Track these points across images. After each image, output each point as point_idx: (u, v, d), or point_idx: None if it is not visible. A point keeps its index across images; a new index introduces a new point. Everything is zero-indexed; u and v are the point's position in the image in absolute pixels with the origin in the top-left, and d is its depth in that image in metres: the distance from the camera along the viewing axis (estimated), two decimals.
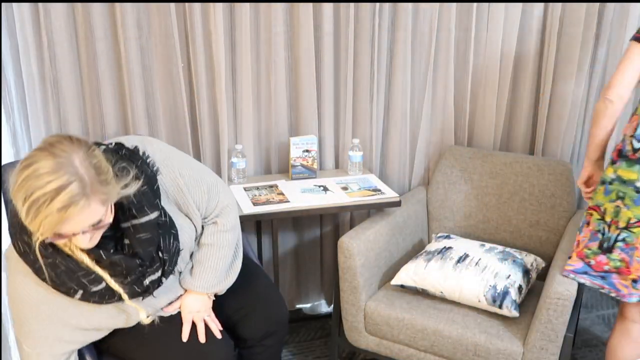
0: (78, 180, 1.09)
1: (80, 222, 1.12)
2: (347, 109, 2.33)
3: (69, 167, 1.09)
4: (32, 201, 1.06)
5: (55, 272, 1.24)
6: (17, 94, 1.95)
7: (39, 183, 1.07)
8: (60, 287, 1.27)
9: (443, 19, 2.30)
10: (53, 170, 1.08)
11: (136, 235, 1.28)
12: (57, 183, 1.07)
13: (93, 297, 1.30)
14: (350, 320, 2.03)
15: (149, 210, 1.29)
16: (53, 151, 1.10)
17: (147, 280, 1.34)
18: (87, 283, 1.27)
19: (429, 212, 2.42)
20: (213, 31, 2.07)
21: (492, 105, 2.44)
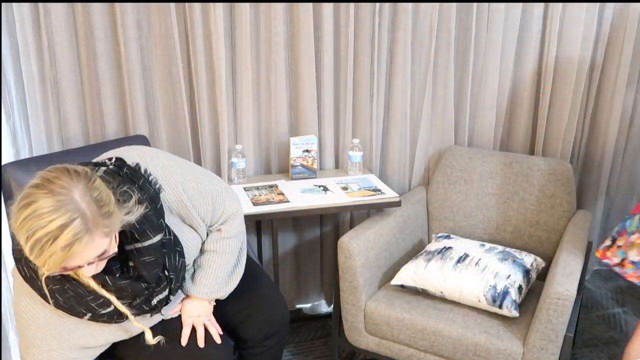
0: (80, 216, 1.06)
1: (85, 256, 1.10)
2: (347, 109, 2.33)
3: (69, 205, 1.06)
4: (35, 240, 1.04)
5: (63, 297, 1.24)
6: (17, 94, 1.95)
7: (41, 222, 1.04)
8: (69, 311, 1.27)
9: (443, 19, 2.30)
10: (54, 209, 1.05)
11: (140, 258, 1.28)
12: (59, 222, 1.04)
13: (102, 318, 1.30)
14: (350, 320, 2.03)
15: (152, 234, 1.27)
16: (52, 188, 1.07)
17: (155, 300, 1.35)
18: (96, 307, 1.27)
19: (429, 212, 2.42)
20: (213, 31, 2.07)
21: (492, 105, 2.44)
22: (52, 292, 1.23)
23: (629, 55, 2.45)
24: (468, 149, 2.41)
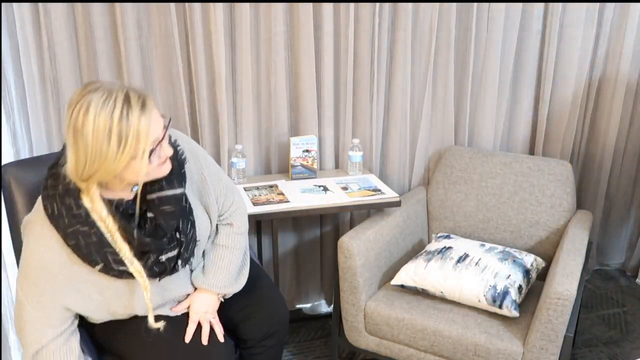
0: (122, 88, 1.16)
1: (159, 120, 1.21)
2: (347, 109, 2.33)
3: (117, 85, 1.17)
4: (117, 119, 1.12)
5: (85, 241, 1.25)
6: (17, 94, 1.95)
7: (108, 103, 1.13)
8: (84, 257, 1.27)
9: (443, 19, 2.30)
10: (108, 94, 1.14)
11: (160, 207, 1.31)
12: (121, 95, 1.14)
13: (113, 272, 1.30)
14: (350, 320, 2.03)
15: (177, 186, 1.33)
16: (92, 88, 1.15)
17: (164, 257, 1.35)
18: (112, 261, 1.28)
19: (429, 212, 2.42)
20: (213, 31, 2.07)
21: (492, 105, 2.44)
22: (76, 233, 1.24)
23: (629, 56, 2.45)
24: (468, 149, 2.41)
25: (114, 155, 1.14)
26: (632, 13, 2.39)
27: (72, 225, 1.23)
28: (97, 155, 1.14)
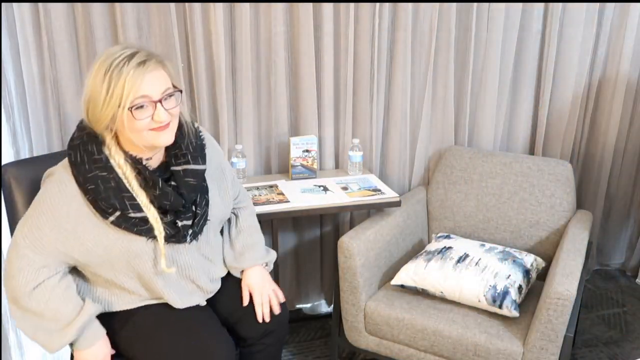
0: (144, 50, 1.29)
1: (156, 82, 1.28)
2: (347, 109, 2.33)
3: (142, 47, 1.30)
4: (114, 67, 1.23)
5: (104, 185, 1.30)
6: (17, 94, 1.95)
7: (115, 55, 1.25)
8: (101, 203, 1.30)
9: (443, 19, 2.30)
10: (123, 47, 1.28)
11: (185, 179, 1.40)
12: (130, 51, 1.27)
13: (126, 223, 1.33)
14: (350, 320, 2.03)
15: (201, 162, 1.44)
16: (118, 44, 1.33)
17: (180, 223, 1.40)
18: (129, 207, 1.32)
19: (429, 212, 2.42)
20: (213, 31, 2.07)
21: (492, 105, 2.44)
22: (96, 178, 1.30)
23: (629, 56, 2.45)
24: (468, 149, 2.41)
25: (103, 99, 1.25)
26: (632, 13, 2.39)
27: (92, 170, 1.30)
28: (92, 98, 1.27)
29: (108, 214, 1.32)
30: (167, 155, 1.42)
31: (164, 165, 1.42)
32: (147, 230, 1.36)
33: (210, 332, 1.49)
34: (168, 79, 1.32)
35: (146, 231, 1.36)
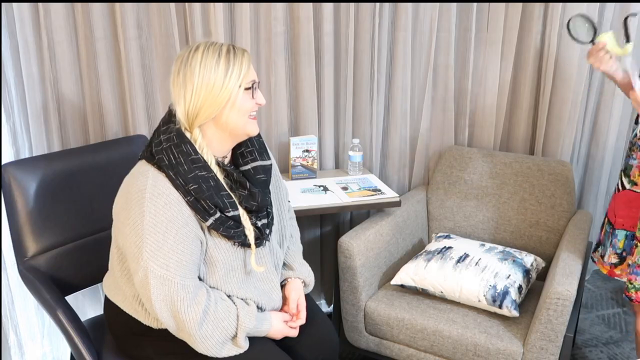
0: None
1: (253, 69, 1.35)
2: (347, 109, 2.33)
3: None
4: (225, 52, 1.30)
5: (206, 185, 1.30)
6: (17, 94, 1.95)
7: (214, 44, 1.32)
8: (204, 202, 1.29)
9: (443, 19, 2.30)
10: (213, 42, 1.34)
11: (256, 176, 1.42)
12: (227, 44, 1.34)
13: (222, 226, 1.32)
14: (350, 320, 2.03)
15: (267, 157, 1.47)
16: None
17: (259, 223, 1.41)
18: (229, 205, 1.33)
19: (429, 212, 2.42)
20: (213, 31, 2.07)
21: (492, 105, 2.44)
22: (197, 178, 1.29)
23: None
24: (468, 149, 2.41)
25: (222, 81, 1.28)
26: None
27: (192, 170, 1.29)
28: (204, 83, 1.28)
29: (209, 215, 1.31)
30: (234, 156, 1.45)
31: (236, 169, 1.44)
32: (240, 233, 1.36)
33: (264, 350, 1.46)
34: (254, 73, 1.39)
35: (239, 234, 1.36)
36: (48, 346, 2.14)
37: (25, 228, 1.59)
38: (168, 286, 1.28)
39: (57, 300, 1.52)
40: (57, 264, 1.64)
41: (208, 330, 1.32)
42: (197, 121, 1.31)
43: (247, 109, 1.34)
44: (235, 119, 1.33)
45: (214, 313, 1.33)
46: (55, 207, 1.63)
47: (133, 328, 1.45)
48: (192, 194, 1.28)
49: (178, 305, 1.28)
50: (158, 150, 1.31)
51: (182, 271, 1.29)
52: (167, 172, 1.29)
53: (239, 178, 1.38)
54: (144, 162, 1.33)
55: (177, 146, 1.30)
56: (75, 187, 1.42)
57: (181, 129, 1.32)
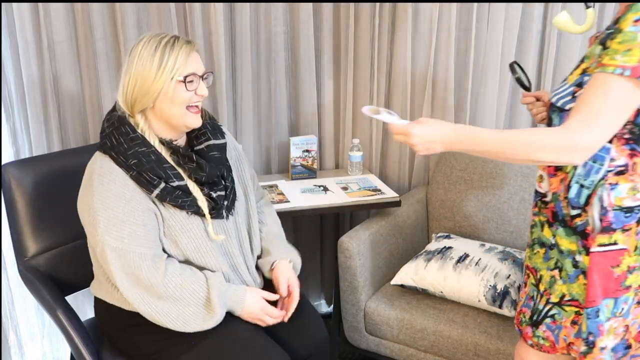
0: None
1: (199, 63, 1.40)
2: (347, 109, 2.33)
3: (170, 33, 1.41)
4: (164, 44, 1.34)
5: (146, 159, 1.35)
6: (17, 94, 1.95)
7: (160, 35, 1.36)
8: (145, 175, 1.34)
9: (443, 19, 2.30)
10: (160, 32, 1.39)
11: (209, 154, 1.46)
12: (172, 33, 1.40)
13: (170, 196, 1.36)
14: (350, 320, 2.03)
15: (220, 137, 1.51)
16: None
17: (214, 194, 1.44)
18: (172, 176, 1.37)
19: (429, 212, 2.42)
20: (213, 31, 2.07)
21: (492, 105, 2.44)
22: (137, 154, 1.35)
23: None
24: None
25: (155, 73, 1.33)
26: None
27: (131, 147, 1.35)
28: (140, 74, 1.33)
29: (153, 187, 1.35)
30: (189, 138, 1.50)
31: (187, 147, 1.49)
32: (191, 203, 1.39)
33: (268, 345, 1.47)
34: (202, 64, 1.43)
35: (190, 204, 1.39)
36: (48, 346, 2.15)
37: (25, 228, 1.59)
38: (124, 256, 1.33)
39: (57, 300, 1.52)
40: (57, 264, 1.64)
41: (177, 292, 1.35)
42: (136, 108, 1.37)
43: (182, 100, 1.37)
44: (170, 110, 1.37)
45: (180, 275, 1.36)
46: (55, 207, 1.63)
47: (121, 321, 1.47)
48: (133, 168, 1.34)
49: (137, 272, 1.33)
50: (102, 136, 1.40)
51: (137, 241, 1.33)
52: (110, 153, 1.36)
53: (186, 152, 1.42)
54: (97, 152, 1.41)
55: (117, 129, 1.37)
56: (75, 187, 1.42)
57: (123, 115, 1.38)
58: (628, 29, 1.12)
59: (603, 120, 1.15)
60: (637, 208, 1.23)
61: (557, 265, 1.35)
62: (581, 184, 1.26)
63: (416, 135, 1.26)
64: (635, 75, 1.12)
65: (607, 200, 1.23)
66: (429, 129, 1.27)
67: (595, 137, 1.16)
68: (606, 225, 1.23)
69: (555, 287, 1.36)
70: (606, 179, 1.24)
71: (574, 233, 1.29)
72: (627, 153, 1.22)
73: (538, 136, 1.21)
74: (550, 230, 1.37)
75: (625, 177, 1.23)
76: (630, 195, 1.22)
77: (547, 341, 1.40)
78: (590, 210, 1.25)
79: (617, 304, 1.28)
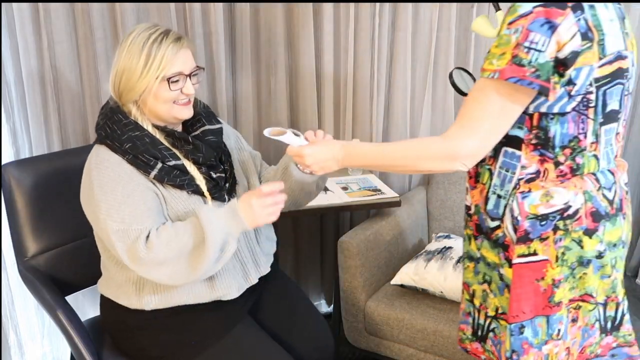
0: (173, 30, 1.39)
1: (187, 59, 1.38)
2: (347, 109, 2.33)
3: (161, 25, 1.40)
4: (152, 40, 1.33)
5: (140, 142, 1.36)
6: (17, 94, 1.95)
7: (150, 30, 1.35)
8: (141, 157, 1.35)
9: (443, 19, 2.30)
10: (153, 24, 1.38)
11: (205, 138, 1.46)
12: (163, 28, 1.37)
13: (168, 175, 1.37)
14: (350, 320, 2.03)
15: (215, 122, 1.52)
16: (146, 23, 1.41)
17: (215, 174, 1.44)
18: (168, 156, 1.38)
19: (429, 212, 2.42)
20: (213, 31, 2.07)
21: None
22: (131, 138, 1.36)
23: None
24: None
25: (140, 71, 1.33)
26: (632, 13, 2.39)
27: (125, 133, 1.36)
28: (127, 68, 1.34)
29: (150, 168, 1.35)
30: (184, 126, 1.50)
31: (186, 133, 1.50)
32: (189, 182, 1.39)
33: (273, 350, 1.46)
34: (193, 58, 1.42)
35: (188, 183, 1.39)
36: (48, 346, 2.15)
37: (25, 228, 1.59)
38: (128, 236, 1.31)
39: (57, 300, 1.52)
40: (57, 264, 1.64)
41: (174, 245, 1.30)
42: (124, 100, 1.38)
43: (167, 99, 1.37)
44: (156, 106, 1.38)
45: (171, 228, 1.33)
46: (55, 207, 1.63)
47: (127, 322, 1.47)
48: (129, 152, 1.35)
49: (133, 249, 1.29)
50: (98, 127, 1.41)
51: (138, 219, 1.32)
52: (106, 142, 1.37)
53: (181, 135, 1.42)
54: (94, 146, 1.42)
55: (110, 119, 1.39)
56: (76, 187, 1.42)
57: (116, 105, 1.40)
58: (503, 32, 1.12)
59: (482, 126, 1.13)
60: (551, 215, 1.18)
61: (486, 279, 1.32)
62: (498, 194, 1.24)
63: (309, 156, 1.29)
64: (503, 78, 1.10)
65: (517, 209, 1.20)
66: (319, 149, 1.29)
67: (476, 144, 1.14)
68: (522, 235, 1.19)
69: (489, 300, 1.32)
70: (518, 187, 1.21)
71: (496, 245, 1.26)
72: (537, 159, 1.20)
73: (421, 146, 1.22)
74: (475, 243, 1.34)
75: (536, 184, 1.20)
76: (544, 202, 1.18)
77: (494, 355, 1.35)
78: (505, 221, 1.23)
79: (550, 324, 1.24)
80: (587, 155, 1.19)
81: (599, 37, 1.11)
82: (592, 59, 1.11)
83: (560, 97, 1.13)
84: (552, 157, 1.18)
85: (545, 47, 1.07)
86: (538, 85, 1.09)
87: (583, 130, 1.16)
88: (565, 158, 1.18)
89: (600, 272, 1.25)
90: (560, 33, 1.08)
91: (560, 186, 1.18)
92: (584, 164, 1.19)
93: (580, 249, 1.20)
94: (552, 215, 1.18)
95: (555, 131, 1.16)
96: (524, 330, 1.23)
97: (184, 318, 1.43)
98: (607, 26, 1.13)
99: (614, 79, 1.16)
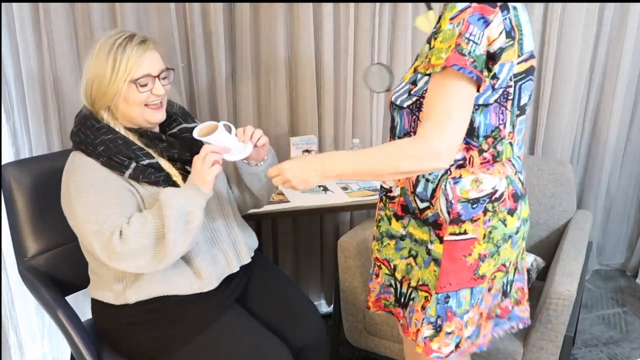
0: (140, 33, 1.42)
1: (155, 60, 1.41)
2: (347, 109, 2.33)
3: (128, 30, 1.43)
4: (117, 46, 1.36)
5: (113, 144, 1.39)
6: (17, 94, 1.95)
7: (115, 36, 1.38)
8: (115, 158, 1.37)
9: None
10: (119, 30, 1.41)
11: (182, 135, 1.51)
12: (128, 33, 1.40)
13: (143, 173, 1.40)
14: (350, 320, 2.03)
15: (191, 121, 1.57)
16: None
17: (190, 168, 1.44)
18: (142, 155, 1.41)
19: None
20: (213, 31, 2.07)
21: None
22: (103, 141, 1.39)
23: (629, 55, 2.45)
24: None
25: (109, 76, 1.36)
26: (632, 13, 2.39)
27: (98, 137, 1.39)
28: (96, 75, 1.38)
29: (125, 167, 1.38)
30: (161, 126, 1.54)
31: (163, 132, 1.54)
32: (164, 178, 1.42)
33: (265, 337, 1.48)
34: (162, 60, 1.44)
35: (164, 179, 1.42)
36: (48, 346, 2.15)
37: (25, 228, 1.59)
38: (103, 234, 1.33)
39: (57, 300, 1.52)
40: (57, 264, 1.64)
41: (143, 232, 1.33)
42: (97, 107, 1.42)
43: (137, 101, 1.40)
44: (128, 109, 1.41)
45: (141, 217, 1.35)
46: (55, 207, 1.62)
47: (119, 319, 1.47)
48: (102, 154, 1.37)
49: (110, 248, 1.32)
50: (72, 135, 1.44)
51: (112, 217, 1.34)
52: (80, 147, 1.40)
53: (154, 134, 1.45)
54: (71, 153, 1.44)
55: (83, 125, 1.42)
56: None
57: (88, 112, 1.44)
58: (446, 27, 1.16)
59: (453, 118, 1.16)
60: (482, 199, 1.28)
61: (411, 254, 1.41)
62: (427, 179, 1.31)
63: (288, 170, 1.29)
64: (448, 64, 1.14)
65: (451, 193, 1.28)
66: (297, 162, 1.30)
67: (450, 138, 1.17)
68: (455, 217, 1.28)
69: (412, 272, 1.42)
70: (449, 173, 1.28)
71: (425, 224, 1.35)
72: (463, 147, 1.27)
73: (400, 148, 1.22)
74: (399, 222, 1.41)
75: (466, 169, 1.28)
76: (474, 187, 1.27)
77: (406, 322, 1.45)
78: (437, 204, 1.30)
79: (473, 295, 1.34)
80: (505, 143, 1.29)
81: (519, 37, 1.21)
82: (513, 56, 1.20)
83: (486, 89, 1.21)
84: (477, 145, 1.27)
85: (479, 41, 1.14)
86: (475, 76, 1.15)
87: (503, 121, 1.26)
88: (488, 146, 1.27)
89: (516, 245, 1.38)
90: (491, 29, 1.15)
91: (487, 172, 1.28)
92: (503, 151, 1.30)
93: (504, 227, 1.32)
94: (482, 199, 1.28)
95: (479, 122, 1.24)
96: (449, 300, 1.33)
97: (173, 311, 1.46)
98: (525, 27, 1.24)
99: (527, 76, 1.27)
